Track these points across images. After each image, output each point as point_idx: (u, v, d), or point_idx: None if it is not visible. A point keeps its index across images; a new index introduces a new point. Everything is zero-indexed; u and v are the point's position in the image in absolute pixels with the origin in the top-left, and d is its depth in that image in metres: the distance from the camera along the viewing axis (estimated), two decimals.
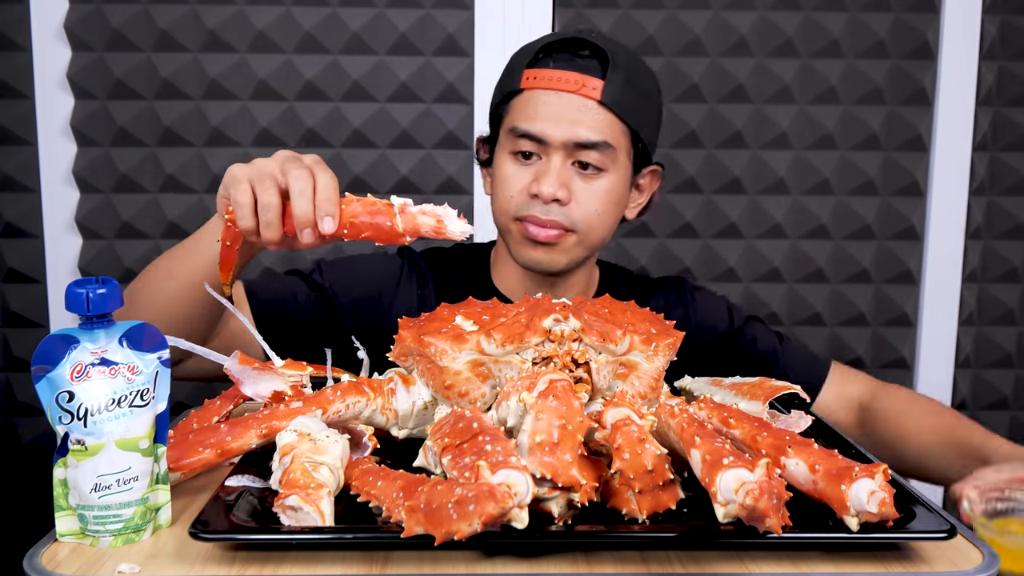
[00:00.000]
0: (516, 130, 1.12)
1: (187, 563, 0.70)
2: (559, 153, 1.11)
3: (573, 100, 1.10)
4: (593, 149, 1.11)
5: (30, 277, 1.72)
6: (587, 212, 1.12)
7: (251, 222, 0.88)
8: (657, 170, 1.22)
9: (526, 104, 1.12)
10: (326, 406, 0.86)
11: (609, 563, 0.70)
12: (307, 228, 0.87)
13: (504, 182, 1.14)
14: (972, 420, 1.13)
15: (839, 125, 1.77)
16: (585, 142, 1.10)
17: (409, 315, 1.20)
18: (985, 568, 0.70)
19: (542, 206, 1.11)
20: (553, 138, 1.10)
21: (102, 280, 0.74)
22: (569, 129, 1.10)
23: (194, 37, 1.67)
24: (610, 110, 1.11)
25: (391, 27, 1.69)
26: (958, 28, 1.75)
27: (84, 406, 0.72)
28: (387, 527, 0.71)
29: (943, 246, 1.81)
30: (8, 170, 1.69)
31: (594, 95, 1.10)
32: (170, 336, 0.83)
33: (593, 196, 1.12)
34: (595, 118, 1.10)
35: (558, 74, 1.11)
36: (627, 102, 1.12)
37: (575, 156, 1.11)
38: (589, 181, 1.12)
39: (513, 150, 1.14)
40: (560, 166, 1.11)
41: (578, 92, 1.10)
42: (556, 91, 1.11)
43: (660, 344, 0.89)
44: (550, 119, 1.10)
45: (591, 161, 1.11)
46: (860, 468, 0.70)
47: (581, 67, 1.11)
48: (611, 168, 1.12)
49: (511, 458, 0.66)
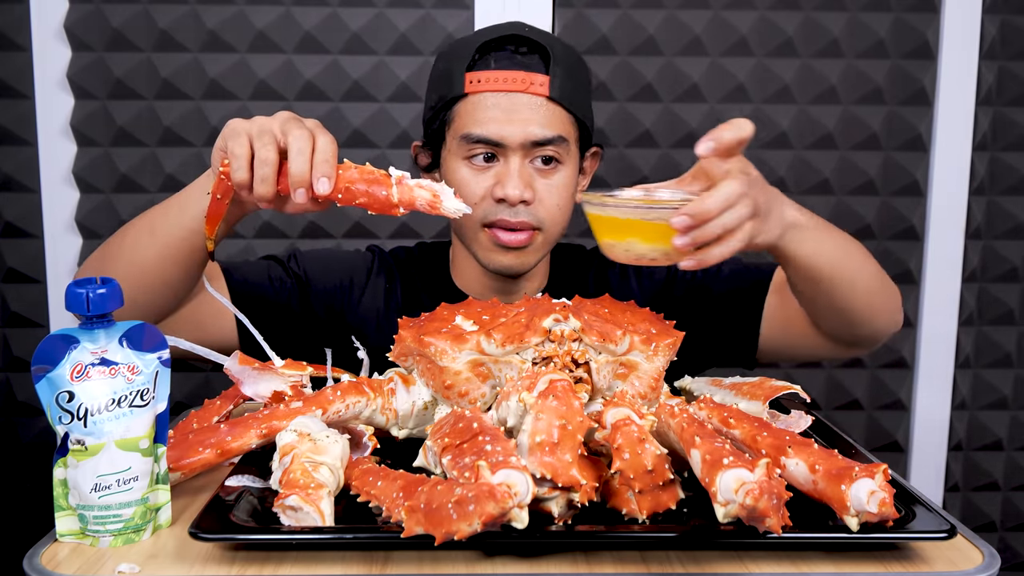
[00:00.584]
0: (470, 136, 1.10)
1: (187, 563, 0.70)
2: (517, 154, 1.10)
3: (522, 99, 1.10)
4: (549, 144, 1.10)
5: (30, 277, 1.72)
6: (551, 208, 1.12)
7: (246, 175, 0.88)
8: (598, 151, 1.23)
9: (474, 109, 1.11)
10: (326, 406, 0.86)
11: (609, 563, 0.70)
12: (301, 188, 0.87)
13: (464, 189, 1.12)
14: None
15: (839, 125, 1.77)
16: (541, 139, 1.10)
17: (376, 310, 1.22)
18: (985, 568, 0.70)
19: (509, 209, 1.10)
20: (510, 140, 1.09)
21: (102, 280, 0.74)
22: (524, 128, 1.09)
23: (194, 37, 1.67)
24: (558, 104, 1.11)
25: (391, 27, 1.69)
26: (958, 28, 1.75)
27: (84, 406, 0.72)
28: (387, 527, 0.71)
29: (943, 246, 1.81)
30: (8, 170, 1.69)
31: (542, 91, 1.10)
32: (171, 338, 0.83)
33: (554, 191, 1.12)
34: (546, 114, 1.10)
35: (503, 74, 1.10)
36: (571, 94, 1.12)
37: (532, 154, 1.11)
38: (548, 177, 1.12)
39: (468, 156, 1.12)
40: (520, 167, 1.10)
41: (527, 91, 1.09)
42: (504, 92, 1.10)
43: (660, 344, 0.89)
44: (503, 121, 1.09)
45: (549, 155, 1.11)
46: (860, 468, 0.70)
47: (524, 64, 1.10)
48: (566, 160, 1.13)
49: (511, 458, 0.66)
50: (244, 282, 1.15)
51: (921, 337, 1.83)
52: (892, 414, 1.86)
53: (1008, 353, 1.85)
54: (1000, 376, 1.85)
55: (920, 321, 1.83)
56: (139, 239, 1.01)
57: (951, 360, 1.84)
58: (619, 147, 1.75)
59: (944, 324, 1.83)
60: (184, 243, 0.99)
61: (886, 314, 1.08)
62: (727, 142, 0.86)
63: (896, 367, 1.84)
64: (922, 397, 1.84)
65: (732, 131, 0.86)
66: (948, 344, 1.83)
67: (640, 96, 1.74)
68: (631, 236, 0.86)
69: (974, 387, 1.85)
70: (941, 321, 1.82)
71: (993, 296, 1.83)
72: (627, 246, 0.87)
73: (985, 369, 1.85)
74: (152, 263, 1.00)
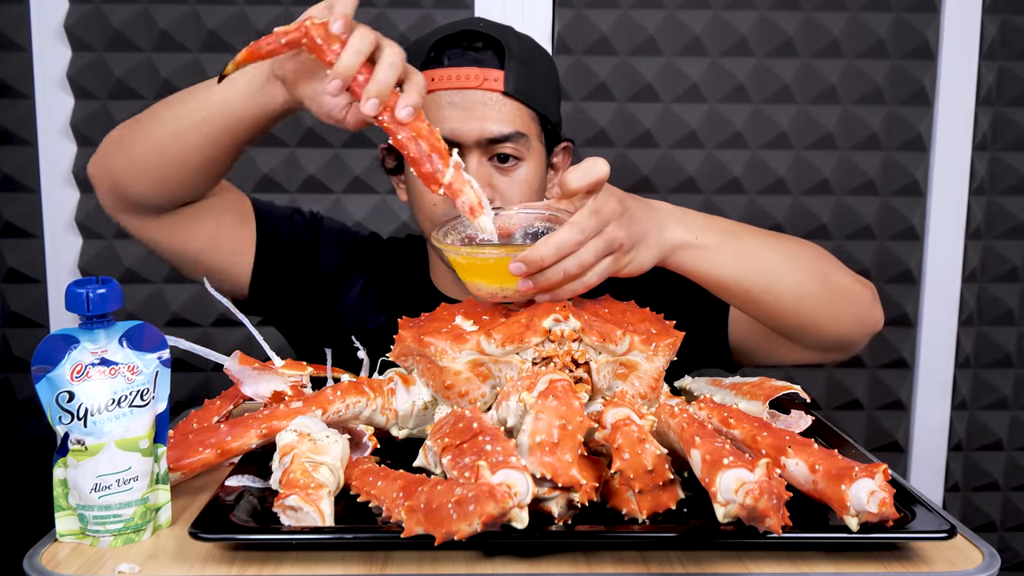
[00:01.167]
0: None
1: (187, 563, 0.70)
2: (474, 153, 1.08)
3: (477, 96, 1.08)
4: (507, 141, 1.09)
5: (30, 277, 1.72)
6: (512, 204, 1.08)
7: (355, 64, 0.87)
8: (568, 146, 1.22)
9: (429, 108, 1.09)
10: (326, 406, 0.86)
11: (609, 563, 0.70)
12: (375, 99, 0.86)
13: (424, 191, 1.10)
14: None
15: (839, 125, 1.77)
16: (498, 136, 1.08)
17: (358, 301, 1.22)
18: (985, 568, 0.70)
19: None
20: (466, 137, 1.07)
21: (102, 280, 0.74)
22: (479, 125, 1.07)
23: (194, 37, 1.67)
24: (515, 99, 1.09)
25: (391, 27, 1.69)
26: (958, 28, 1.75)
27: (84, 406, 0.72)
28: (387, 527, 0.71)
29: (943, 246, 1.81)
30: (8, 170, 1.69)
31: (497, 87, 1.08)
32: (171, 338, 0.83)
33: (515, 188, 1.11)
34: (502, 110, 1.08)
35: (456, 72, 1.09)
36: (529, 88, 1.10)
37: (490, 151, 1.09)
38: (508, 174, 1.10)
39: None
40: (478, 165, 1.09)
41: (480, 87, 1.08)
42: (458, 90, 1.08)
43: (660, 344, 0.89)
44: (458, 120, 1.07)
45: (508, 152, 1.09)
46: (860, 468, 0.70)
47: (478, 60, 1.09)
48: (527, 156, 1.11)
49: (511, 458, 0.66)
50: (271, 219, 1.16)
51: (921, 337, 1.83)
52: (892, 414, 1.86)
53: (1008, 353, 1.85)
54: (1000, 376, 1.85)
55: (920, 321, 1.83)
56: (173, 125, 1.00)
57: (951, 360, 1.84)
58: (619, 147, 1.75)
59: (944, 324, 1.83)
60: (223, 131, 0.99)
61: (841, 320, 1.03)
62: (573, 189, 0.85)
63: (896, 367, 1.84)
64: (922, 397, 1.84)
65: (579, 176, 0.85)
66: (948, 344, 1.83)
67: (640, 96, 1.74)
68: (478, 277, 0.88)
69: (974, 387, 1.85)
70: (941, 321, 1.82)
71: (993, 296, 1.83)
72: (476, 286, 0.89)
73: (985, 369, 1.85)
74: (188, 146, 1.00)
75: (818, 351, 1.08)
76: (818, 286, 1.00)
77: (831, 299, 1.02)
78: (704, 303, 1.12)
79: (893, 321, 1.82)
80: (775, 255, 0.98)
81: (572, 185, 0.84)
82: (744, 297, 0.98)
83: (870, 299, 1.06)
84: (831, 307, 1.02)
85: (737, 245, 0.96)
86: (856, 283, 1.05)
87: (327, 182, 1.71)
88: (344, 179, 1.72)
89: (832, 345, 1.07)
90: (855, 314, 1.04)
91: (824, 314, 1.01)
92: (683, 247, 0.93)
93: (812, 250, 1.04)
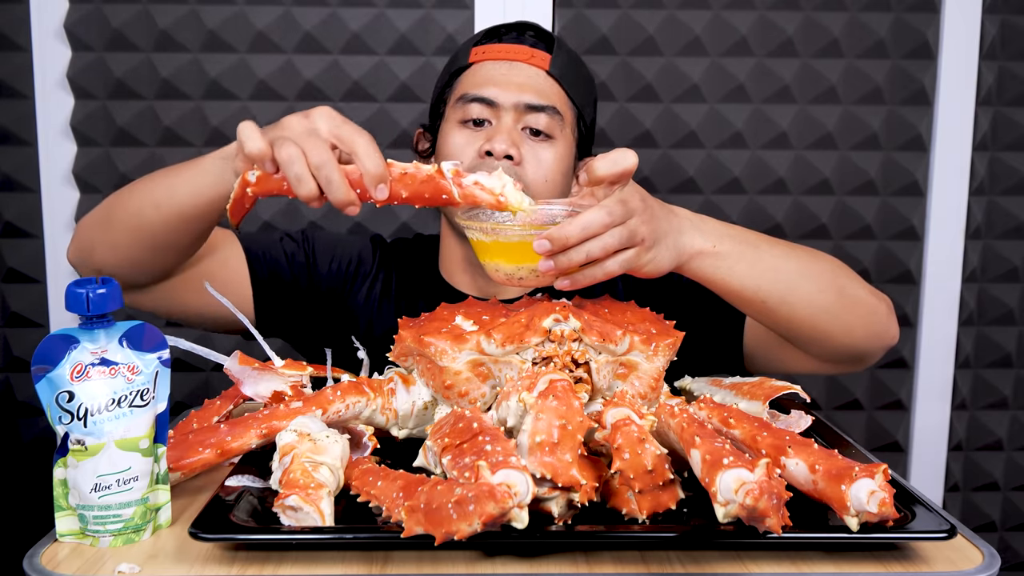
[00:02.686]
0: (466, 96, 1.12)
1: (187, 563, 0.70)
2: (510, 114, 1.11)
3: (522, 68, 1.13)
4: (542, 112, 1.11)
5: (30, 277, 1.72)
6: (536, 177, 1.11)
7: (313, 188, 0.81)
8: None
9: (476, 74, 1.14)
10: (326, 406, 0.86)
11: (609, 563, 0.70)
12: (382, 184, 0.81)
13: (452, 150, 1.12)
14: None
15: (839, 125, 1.77)
16: (535, 104, 1.11)
17: (372, 300, 1.22)
18: (985, 568, 0.70)
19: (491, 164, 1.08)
20: (503, 100, 1.11)
21: (102, 280, 0.74)
22: (519, 93, 1.11)
23: (194, 37, 1.67)
24: (558, 82, 1.13)
25: (391, 27, 1.69)
26: (958, 28, 1.75)
27: (84, 406, 0.72)
28: (387, 527, 0.71)
29: (943, 246, 1.80)
30: (8, 170, 1.69)
31: (543, 65, 1.13)
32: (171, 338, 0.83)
33: (543, 163, 1.12)
34: (543, 84, 1.13)
35: (507, 47, 1.14)
36: (572, 79, 1.15)
37: (524, 121, 1.12)
38: (538, 145, 1.12)
39: (463, 119, 1.13)
40: (511, 126, 1.11)
41: (527, 61, 1.13)
42: (506, 61, 1.13)
43: (660, 344, 0.89)
44: (500, 83, 1.12)
45: (540, 127, 1.11)
46: (860, 468, 0.70)
47: (529, 42, 1.15)
48: (559, 137, 1.13)
49: (511, 458, 0.66)
50: (261, 260, 1.16)
51: (921, 337, 1.83)
52: (892, 414, 1.86)
53: (1008, 353, 1.85)
54: (1000, 376, 1.85)
55: (920, 321, 1.83)
56: (143, 210, 0.99)
57: (951, 360, 1.84)
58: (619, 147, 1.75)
59: (944, 324, 1.83)
60: (192, 216, 0.97)
61: (856, 331, 1.02)
62: (600, 176, 0.86)
63: (896, 367, 1.84)
64: (922, 397, 1.84)
65: (607, 165, 0.86)
66: (948, 344, 1.83)
67: (640, 96, 1.74)
68: (499, 257, 0.87)
69: (974, 387, 1.85)
70: (941, 321, 1.82)
71: (993, 296, 1.83)
72: (496, 266, 0.88)
73: (985, 369, 1.85)
74: (158, 231, 0.99)
75: (831, 362, 1.07)
76: (832, 298, 0.99)
77: (845, 311, 1.01)
78: (721, 311, 1.12)
79: None
80: (791, 266, 0.98)
81: (599, 172, 0.85)
82: (760, 307, 0.98)
83: (885, 312, 1.05)
84: (845, 319, 1.01)
85: (754, 255, 0.96)
86: (871, 296, 1.04)
87: None
88: None
89: (845, 357, 1.06)
90: (869, 327, 1.03)
91: (838, 326, 1.00)
92: (701, 254, 0.92)
93: (828, 262, 1.03)
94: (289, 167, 0.81)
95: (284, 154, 0.81)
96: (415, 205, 0.84)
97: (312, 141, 0.82)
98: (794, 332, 1.01)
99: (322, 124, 0.84)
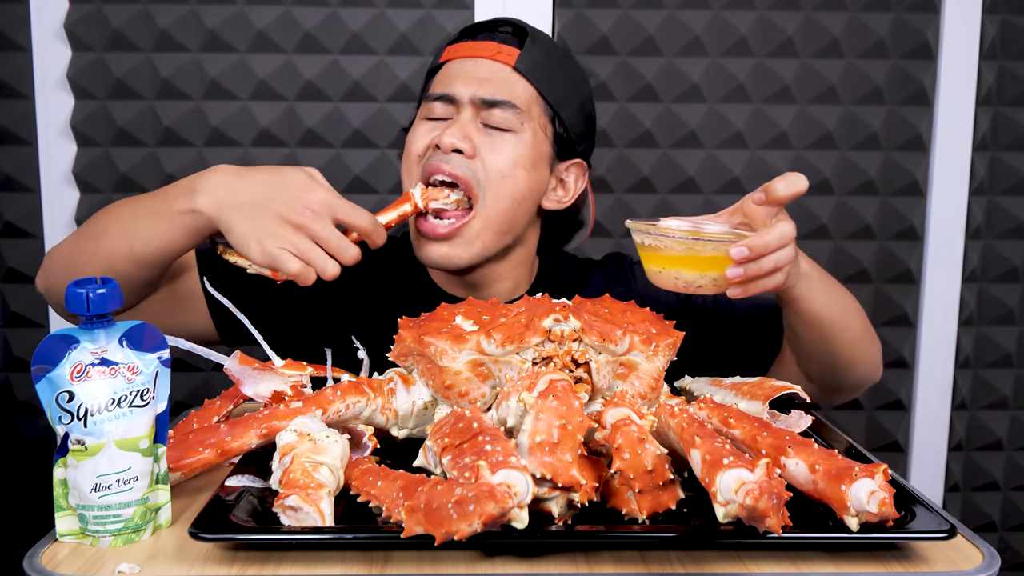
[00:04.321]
0: (429, 96, 1.14)
1: (187, 563, 0.70)
2: (468, 109, 1.11)
3: (487, 64, 1.13)
4: (496, 107, 1.10)
5: (30, 277, 1.72)
6: (491, 171, 1.09)
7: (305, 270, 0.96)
8: (583, 164, 1.20)
9: (442, 74, 1.15)
10: (326, 406, 0.86)
11: (609, 563, 0.70)
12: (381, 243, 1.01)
13: (409, 145, 1.14)
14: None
15: (839, 125, 1.77)
16: (491, 99, 1.10)
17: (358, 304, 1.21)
18: (985, 568, 0.70)
19: (444, 156, 1.09)
20: (461, 95, 1.11)
21: (102, 280, 0.74)
22: (477, 87, 1.11)
23: (194, 37, 1.67)
24: (524, 77, 1.12)
25: (391, 27, 1.69)
26: (958, 28, 1.75)
27: (84, 406, 0.72)
28: (387, 527, 0.71)
29: (943, 246, 1.81)
30: (8, 170, 1.69)
31: (508, 61, 1.12)
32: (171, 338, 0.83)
33: (498, 155, 1.10)
34: (505, 80, 1.12)
35: (475, 44, 1.14)
36: (543, 73, 1.13)
37: (483, 116, 1.11)
38: (495, 135, 1.11)
39: (426, 116, 1.14)
40: (467, 120, 1.11)
41: (493, 57, 1.12)
42: (472, 58, 1.13)
43: (660, 344, 0.89)
44: (461, 81, 1.12)
45: (494, 123, 1.11)
46: (860, 468, 0.70)
47: (499, 38, 1.14)
48: (520, 131, 1.11)
49: (511, 458, 0.66)
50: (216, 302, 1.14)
51: (921, 337, 1.83)
52: (892, 414, 1.86)
53: (1008, 353, 1.85)
54: (1000, 376, 1.85)
55: (920, 321, 1.83)
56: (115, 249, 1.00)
57: (951, 360, 1.84)
58: (619, 147, 1.75)
59: (944, 324, 1.83)
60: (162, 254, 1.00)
61: (868, 364, 1.12)
62: (780, 196, 0.91)
63: (896, 367, 1.84)
64: (922, 397, 1.84)
65: (786, 185, 0.91)
66: (948, 344, 1.83)
67: (640, 96, 1.74)
68: (682, 266, 0.92)
69: (974, 387, 1.85)
70: (941, 321, 1.83)
71: (993, 296, 1.83)
72: (676, 274, 0.92)
73: (985, 369, 1.85)
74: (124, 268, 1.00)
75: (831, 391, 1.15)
76: (865, 330, 1.10)
77: (870, 342, 1.11)
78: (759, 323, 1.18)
79: (893, 321, 1.83)
80: (845, 297, 1.07)
81: (780, 192, 0.91)
82: (826, 331, 1.05)
83: (880, 352, 1.15)
84: (867, 349, 1.11)
85: (829, 282, 1.05)
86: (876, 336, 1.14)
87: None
88: (344, 179, 1.72)
89: (848, 386, 1.14)
90: (874, 361, 1.13)
91: (863, 357, 1.10)
92: (806, 276, 1.00)
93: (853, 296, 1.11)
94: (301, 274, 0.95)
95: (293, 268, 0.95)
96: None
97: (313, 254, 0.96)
98: (834, 357, 1.08)
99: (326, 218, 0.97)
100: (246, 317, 0.97)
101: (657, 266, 0.94)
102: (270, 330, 1.15)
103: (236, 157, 1.68)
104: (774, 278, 0.91)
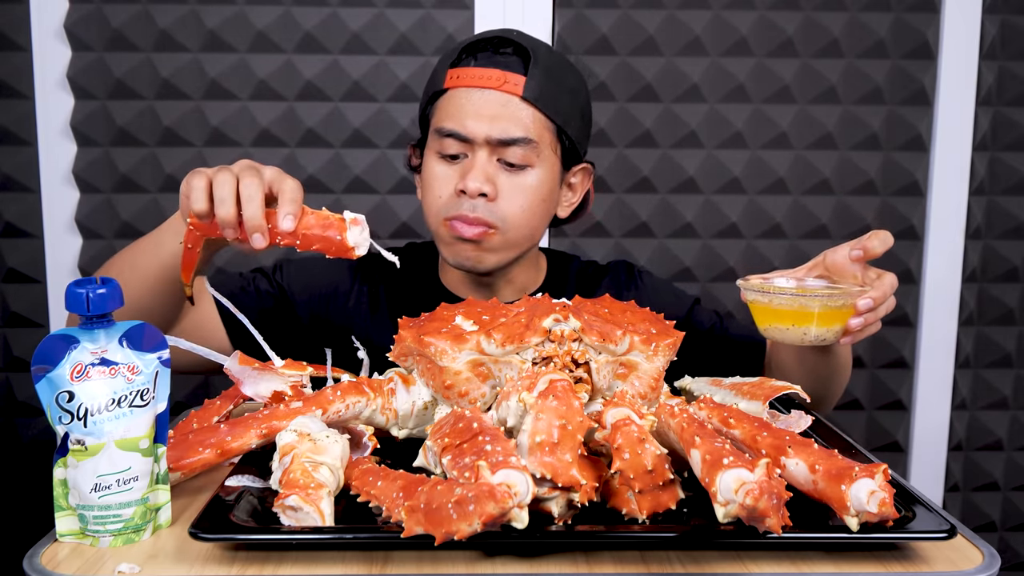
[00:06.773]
0: (441, 131, 1.13)
1: (187, 563, 0.70)
2: (483, 149, 1.12)
3: (495, 96, 1.11)
4: (515, 145, 1.11)
5: (30, 277, 1.72)
6: (512, 208, 1.13)
7: (206, 205, 0.88)
8: (588, 168, 1.23)
9: (449, 103, 1.14)
10: (326, 406, 0.86)
11: (609, 563, 0.70)
12: (257, 232, 0.88)
13: (432, 183, 1.15)
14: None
15: (839, 125, 1.77)
16: (507, 139, 1.11)
17: (361, 315, 1.23)
18: (985, 568, 0.70)
19: (469, 202, 1.12)
20: (476, 135, 1.11)
21: (102, 280, 0.74)
22: (491, 125, 1.11)
23: (194, 37, 1.67)
24: (532, 105, 1.12)
25: (391, 27, 1.69)
26: (958, 28, 1.75)
27: (84, 406, 0.72)
28: (387, 527, 0.71)
29: (943, 246, 1.81)
30: (8, 170, 1.69)
31: (516, 91, 1.11)
32: (171, 338, 0.83)
33: (519, 192, 1.13)
34: (517, 114, 1.12)
35: (480, 72, 1.12)
36: (549, 97, 1.13)
37: (499, 153, 1.12)
38: (514, 175, 1.13)
39: (440, 151, 1.15)
40: (485, 162, 1.12)
41: (500, 88, 1.11)
42: (479, 88, 1.12)
43: (660, 344, 0.89)
44: (472, 116, 1.11)
45: (514, 160, 1.12)
46: (860, 468, 0.70)
47: (502, 64, 1.12)
48: (536, 163, 1.13)
49: (511, 458, 0.66)
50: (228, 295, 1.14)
51: (921, 337, 1.83)
52: (892, 414, 1.86)
53: (1008, 353, 1.85)
54: (1000, 376, 1.85)
55: (920, 321, 1.83)
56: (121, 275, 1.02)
57: (951, 360, 1.84)
58: (619, 147, 1.75)
59: (944, 324, 1.83)
60: (161, 278, 1.02)
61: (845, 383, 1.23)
62: (877, 253, 1.00)
63: (896, 367, 1.84)
64: (922, 397, 1.84)
65: (879, 243, 1.00)
66: (948, 344, 1.83)
67: (640, 96, 1.74)
68: (809, 323, 0.98)
69: (974, 387, 1.85)
70: (941, 321, 1.83)
71: (993, 296, 1.83)
72: (804, 331, 0.98)
73: (985, 369, 1.85)
74: (135, 296, 1.02)
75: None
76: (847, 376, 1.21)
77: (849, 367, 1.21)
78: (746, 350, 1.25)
79: (893, 321, 1.83)
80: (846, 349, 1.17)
81: (876, 250, 1.00)
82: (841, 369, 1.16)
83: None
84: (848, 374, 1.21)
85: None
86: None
87: (327, 182, 1.71)
88: (344, 179, 1.72)
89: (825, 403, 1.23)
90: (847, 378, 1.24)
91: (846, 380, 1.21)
92: None
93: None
94: (218, 188, 0.88)
95: (219, 178, 0.89)
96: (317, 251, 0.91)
97: (248, 172, 0.89)
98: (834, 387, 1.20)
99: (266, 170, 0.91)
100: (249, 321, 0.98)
101: (783, 323, 0.99)
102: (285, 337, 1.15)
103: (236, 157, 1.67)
104: (877, 326, 1.00)
